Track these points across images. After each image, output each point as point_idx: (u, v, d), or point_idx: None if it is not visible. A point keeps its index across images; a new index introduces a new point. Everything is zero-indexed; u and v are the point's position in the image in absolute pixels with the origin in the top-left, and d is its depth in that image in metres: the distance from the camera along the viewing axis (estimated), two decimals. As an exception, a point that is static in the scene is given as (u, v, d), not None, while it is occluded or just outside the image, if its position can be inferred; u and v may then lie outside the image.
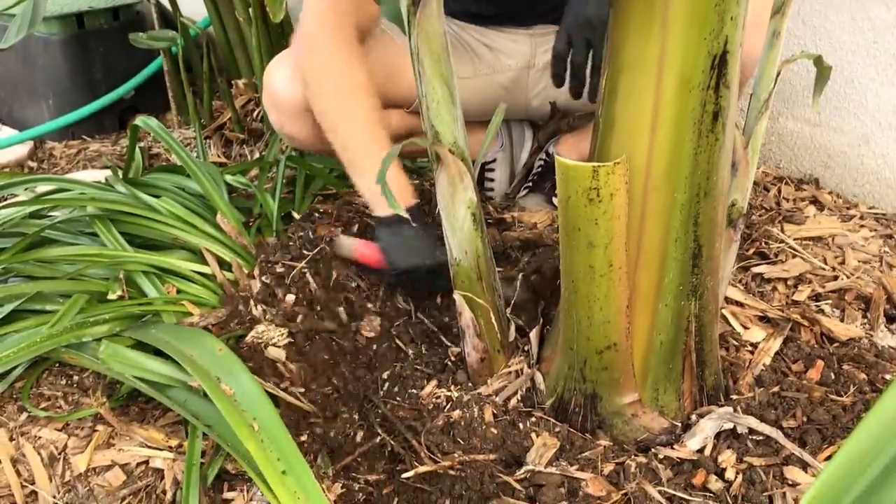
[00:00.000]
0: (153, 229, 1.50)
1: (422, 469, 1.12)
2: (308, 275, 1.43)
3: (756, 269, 1.52)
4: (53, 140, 2.44)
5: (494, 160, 1.81)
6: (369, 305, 1.44)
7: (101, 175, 1.77)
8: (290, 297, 1.37)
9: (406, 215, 1.17)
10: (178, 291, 1.37)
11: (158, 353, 1.19)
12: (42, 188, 1.66)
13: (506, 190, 1.82)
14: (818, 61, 1.13)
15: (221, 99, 2.42)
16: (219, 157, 2.23)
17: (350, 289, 1.46)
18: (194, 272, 1.43)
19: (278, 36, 2.17)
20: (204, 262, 1.44)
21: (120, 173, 1.70)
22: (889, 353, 1.31)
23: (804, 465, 1.06)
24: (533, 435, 1.16)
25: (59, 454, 1.14)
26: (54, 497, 1.08)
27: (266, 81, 1.53)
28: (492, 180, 1.82)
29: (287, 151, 1.90)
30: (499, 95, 1.61)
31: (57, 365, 1.28)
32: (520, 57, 1.62)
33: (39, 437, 1.16)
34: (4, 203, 1.62)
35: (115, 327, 1.26)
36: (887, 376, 1.23)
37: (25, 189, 1.69)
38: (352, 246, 1.46)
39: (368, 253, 1.40)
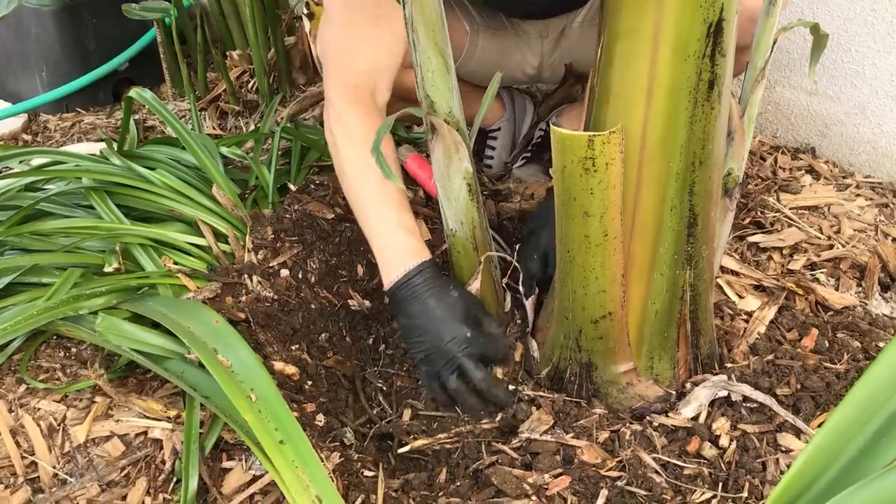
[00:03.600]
0: (149, 201, 1.49)
1: (417, 443, 1.13)
2: (303, 248, 1.43)
3: (752, 239, 1.53)
4: (47, 113, 2.42)
5: (499, 129, 1.80)
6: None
7: (95, 147, 1.76)
8: (285, 272, 1.38)
9: (401, 184, 1.15)
10: (175, 263, 1.37)
11: (155, 325, 1.19)
12: (37, 161, 1.65)
13: (505, 160, 1.82)
14: (815, 29, 1.12)
15: (216, 70, 2.40)
16: (214, 128, 2.21)
17: (342, 265, 1.46)
18: (190, 244, 1.43)
19: (272, 6, 2.15)
20: (200, 234, 1.44)
21: (115, 146, 1.69)
22: (883, 322, 1.31)
23: (798, 432, 1.07)
24: (528, 404, 1.17)
25: (59, 425, 1.15)
26: (54, 467, 1.09)
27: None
28: (493, 148, 1.82)
29: (282, 123, 1.89)
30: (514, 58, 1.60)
31: (54, 337, 1.28)
32: (535, 59, 1.61)
33: (38, 409, 1.17)
34: (-1, 176, 1.61)
35: (112, 300, 1.26)
36: (881, 344, 1.23)
37: (20, 162, 1.68)
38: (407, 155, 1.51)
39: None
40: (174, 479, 1.07)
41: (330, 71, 1.30)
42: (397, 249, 1.21)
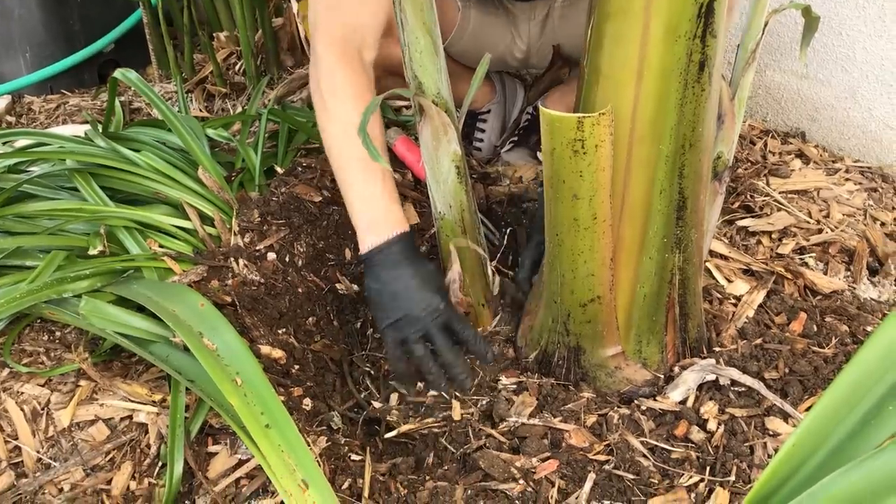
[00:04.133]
0: (134, 184, 1.47)
1: (405, 428, 1.13)
2: (290, 231, 1.42)
3: (741, 223, 1.52)
4: (32, 95, 2.39)
5: (489, 111, 1.79)
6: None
7: (80, 129, 1.73)
8: (272, 255, 1.36)
9: (387, 165, 1.14)
10: (160, 246, 1.36)
11: (140, 308, 1.18)
12: (21, 143, 1.63)
13: (495, 143, 1.81)
14: (806, 12, 1.11)
15: (203, 52, 2.38)
16: (200, 111, 2.19)
17: (330, 248, 1.45)
18: (176, 227, 1.41)
19: (259, -13, 2.13)
20: (186, 217, 1.43)
21: (100, 127, 1.67)
22: (871, 306, 1.31)
23: (785, 416, 1.07)
24: (516, 388, 1.16)
25: (43, 409, 1.14)
26: (38, 452, 1.08)
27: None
28: (483, 131, 1.80)
29: (269, 105, 1.87)
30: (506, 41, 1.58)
31: (38, 321, 1.27)
32: (525, 36, 1.60)
33: (22, 393, 1.16)
34: (-18, 158, 1.59)
35: (97, 283, 1.24)
36: (869, 328, 1.23)
37: (4, 144, 1.66)
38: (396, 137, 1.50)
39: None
40: (159, 464, 1.06)
41: (318, 25, 1.29)
42: (380, 215, 1.21)
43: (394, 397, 1.22)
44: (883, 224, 1.54)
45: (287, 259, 1.38)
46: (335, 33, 1.27)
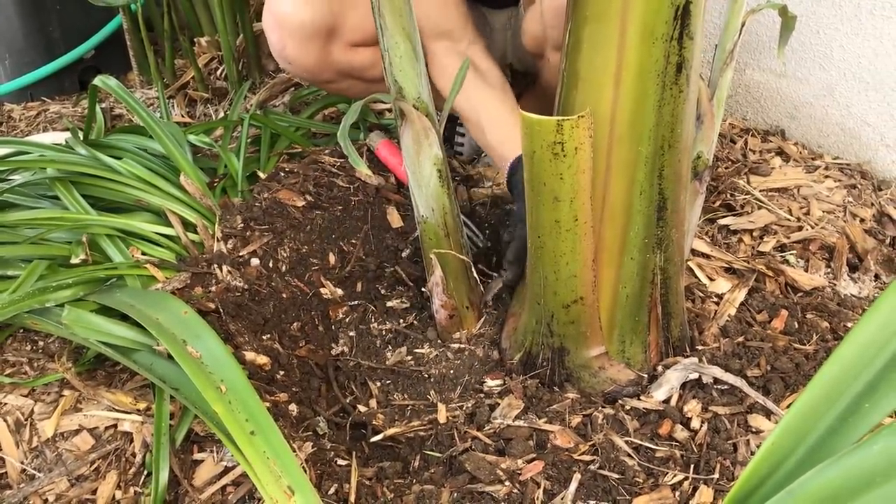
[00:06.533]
0: (115, 191, 1.47)
1: (391, 431, 1.13)
2: (274, 236, 1.42)
3: (722, 221, 1.53)
4: (12, 102, 2.38)
5: None
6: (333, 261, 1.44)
7: (61, 137, 1.72)
8: (255, 261, 1.36)
9: (367, 170, 1.15)
10: (143, 254, 1.35)
11: (124, 317, 1.17)
12: (0, 151, 1.62)
13: (475, 146, 1.81)
14: (783, 11, 1.13)
15: (184, 57, 2.37)
16: (182, 116, 2.18)
17: (314, 253, 1.45)
18: (159, 234, 1.41)
19: (240, -9, 2.13)
20: (168, 224, 1.42)
21: (81, 135, 1.66)
22: (851, 302, 1.33)
23: (768, 413, 1.08)
24: (501, 390, 1.17)
25: (26, 420, 1.13)
26: (22, 463, 1.07)
27: (271, 2, 1.48)
28: (463, 135, 1.81)
29: (251, 110, 1.87)
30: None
31: (21, 331, 1.26)
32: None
33: (5, 404, 1.15)
34: (-39, 167, 1.58)
35: (79, 292, 1.24)
36: (849, 324, 1.25)
37: (-17, 153, 1.65)
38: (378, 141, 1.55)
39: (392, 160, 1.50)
40: (145, 472, 1.06)
41: None
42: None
43: (380, 401, 1.23)
44: (862, 220, 1.55)
45: (271, 264, 1.38)
46: None
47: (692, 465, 1.02)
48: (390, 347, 1.34)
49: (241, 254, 1.36)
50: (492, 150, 1.42)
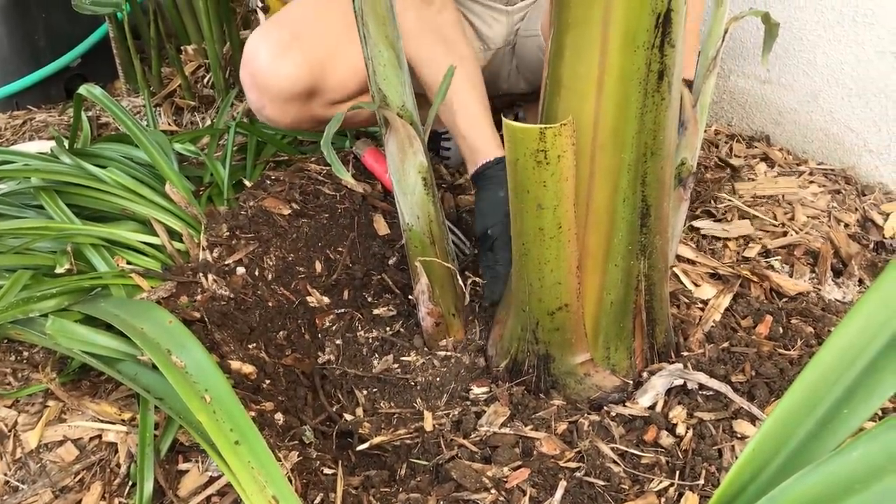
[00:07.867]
0: (101, 200, 1.46)
1: (377, 440, 1.13)
2: (260, 245, 1.42)
3: (707, 227, 1.54)
4: (-3, 111, 2.37)
5: None
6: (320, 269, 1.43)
7: (47, 146, 1.72)
8: (241, 270, 1.36)
9: (350, 179, 1.16)
10: (128, 263, 1.35)
11: (109, 327, 1.17)
12: (-16, 161, 1.61)
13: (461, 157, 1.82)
14: (766, 18, 1.13)
15: (171, 65, 2.37)
16: (169, 125, 2.18)
17: (300, 261, 1.45)
18: (144, 243, 1.40)
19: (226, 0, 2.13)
20: (153, 233, 1.42)
21: (66, 144, 1.66)
22: (835, 307, 1.33)
23: (753, 419, 1.09)
24: (487, 397, 1.17)
25: (10, 431, 1.12)
26: (5, 475, 1.07)
27: (249, 56, 1.44)
28: (447, 149, 1.82)
29: (238, 118, 1.87)
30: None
31: (5, 341, 1.25)
32: (499, 38, 1.61)
33: (-11, 415, 1.15)
34: (-55, 177, 1.57)
35: (64, 302, 1.23)
36: (833, 329, 1.25)
37: (-32, 162, 1.64)
38: (364, 149, 1.58)
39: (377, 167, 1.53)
40: (129, 483, 1.05)
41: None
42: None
43: (366, 409, 1.22)
44: (847, 225, 1.56)
45: (257, 273, 1.38)
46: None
47: (677, 472, 1.02)
48: (377, 355, 1.33)
49: (226, 262, 1.36)
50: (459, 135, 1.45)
